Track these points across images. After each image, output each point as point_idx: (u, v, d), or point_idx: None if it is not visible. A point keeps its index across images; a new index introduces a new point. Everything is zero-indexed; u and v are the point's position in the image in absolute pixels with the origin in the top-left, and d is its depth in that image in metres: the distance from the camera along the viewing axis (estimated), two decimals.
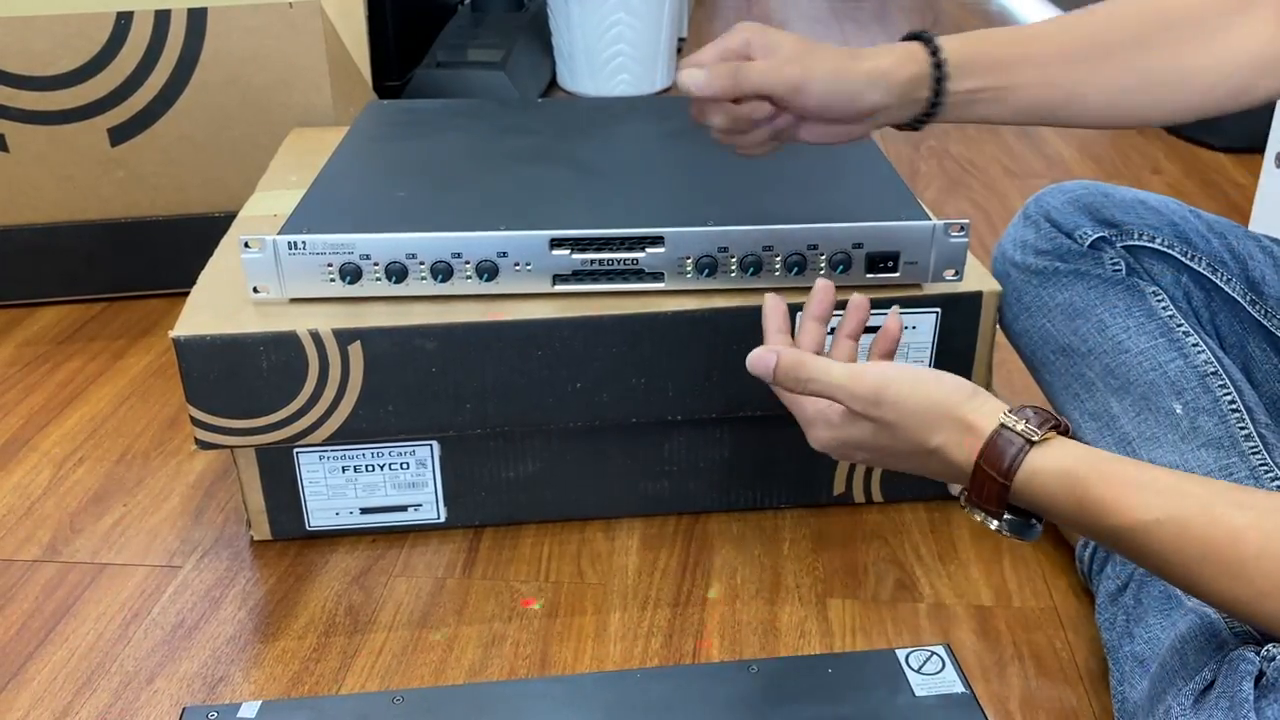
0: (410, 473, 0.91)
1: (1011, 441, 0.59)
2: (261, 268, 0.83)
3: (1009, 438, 0.59)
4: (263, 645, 0.83)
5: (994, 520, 0.61)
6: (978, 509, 0.62)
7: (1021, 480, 0.59)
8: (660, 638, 0.83)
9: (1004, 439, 0.60)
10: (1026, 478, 0.59)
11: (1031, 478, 0.59)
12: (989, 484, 0.60)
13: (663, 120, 1.07)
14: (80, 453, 1.06)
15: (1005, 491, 0.60)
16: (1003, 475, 0.59)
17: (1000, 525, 0.61)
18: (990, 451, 0.60)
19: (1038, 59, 0.71)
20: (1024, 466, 0.59)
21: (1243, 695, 0.58)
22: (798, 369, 0.66)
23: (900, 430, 0.63)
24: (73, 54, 1.20)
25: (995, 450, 0.60)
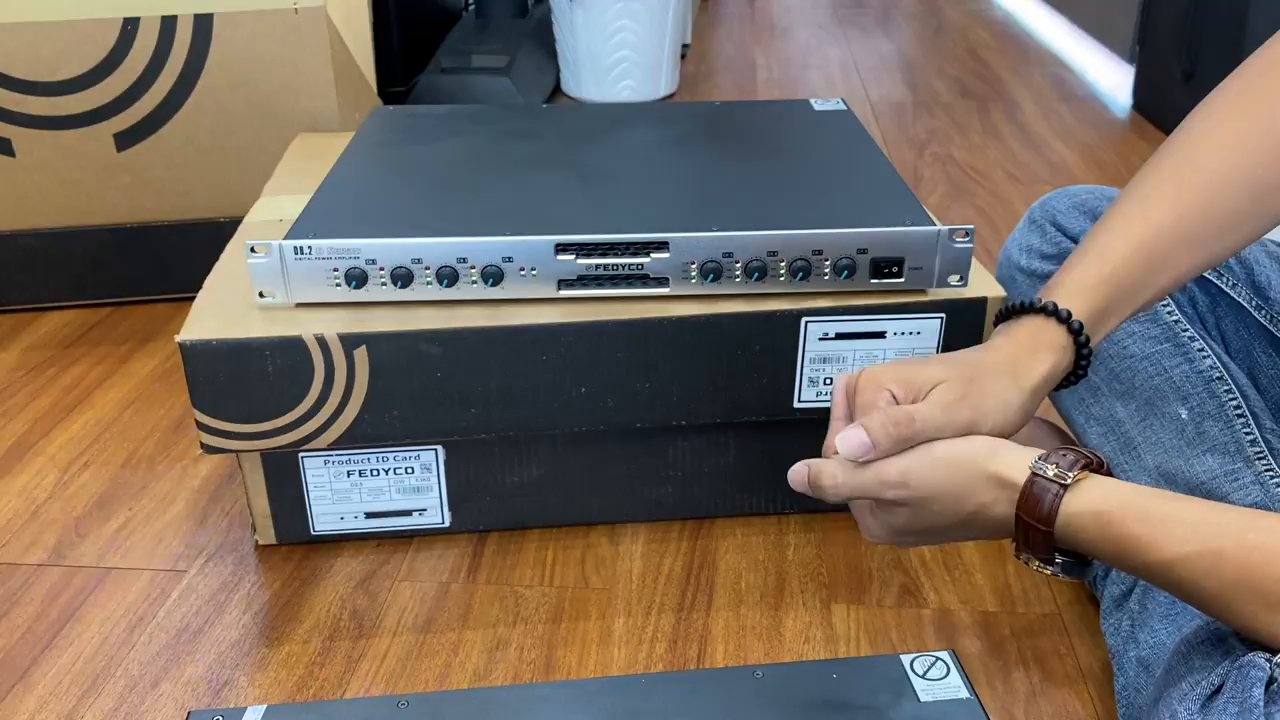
0: (415, 477, 0.91)
1: (1046, 488, 0.60)
2: (267, 272, 0.83)
3: (1043, 485, 0.60)
4: (268, 650, 0.83)
5: (1050, 567, 0.62)
6: (1031, 557, 0.62)
7: (1061, 524, 0.59)
8: (665, 643, 0.83)
9: (1039, 486, 0.60)
10: (1065, 521, 0.59)
11: (1070, 520, 0.59)
12: (1033, 533, 0.60)
13: (667, 126, 1.07)
14: (85, 457, 1.06)
15: (1050, 538, 0.60)
16: (1043, 522, 0.60)
17: (1056, 570, 0.62)
18: (1027, 501, 0.60)
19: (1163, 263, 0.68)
20: (1061, 511, 0.59)
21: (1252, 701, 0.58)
22: (819, 478, 0.66)
23: (937, 503, 0.63)
24: (79, 59, 1.20)
25: (1032, 498, 0.60)
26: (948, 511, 0.63)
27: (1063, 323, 0.67)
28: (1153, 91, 1.96)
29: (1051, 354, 0.67)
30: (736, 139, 1.05)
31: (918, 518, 0.64)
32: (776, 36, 2.59)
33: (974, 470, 0.62)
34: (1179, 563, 0.56)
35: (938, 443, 0.63)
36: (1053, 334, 0.67)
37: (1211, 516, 0.57)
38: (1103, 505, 0.58)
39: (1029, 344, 0.67)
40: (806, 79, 2.25)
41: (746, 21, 2.74)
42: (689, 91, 2.15)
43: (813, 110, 1.11)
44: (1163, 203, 0.68)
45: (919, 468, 0.63)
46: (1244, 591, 0.54)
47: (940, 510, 0.63)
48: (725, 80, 2.23)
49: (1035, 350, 0.67)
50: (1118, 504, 0.58)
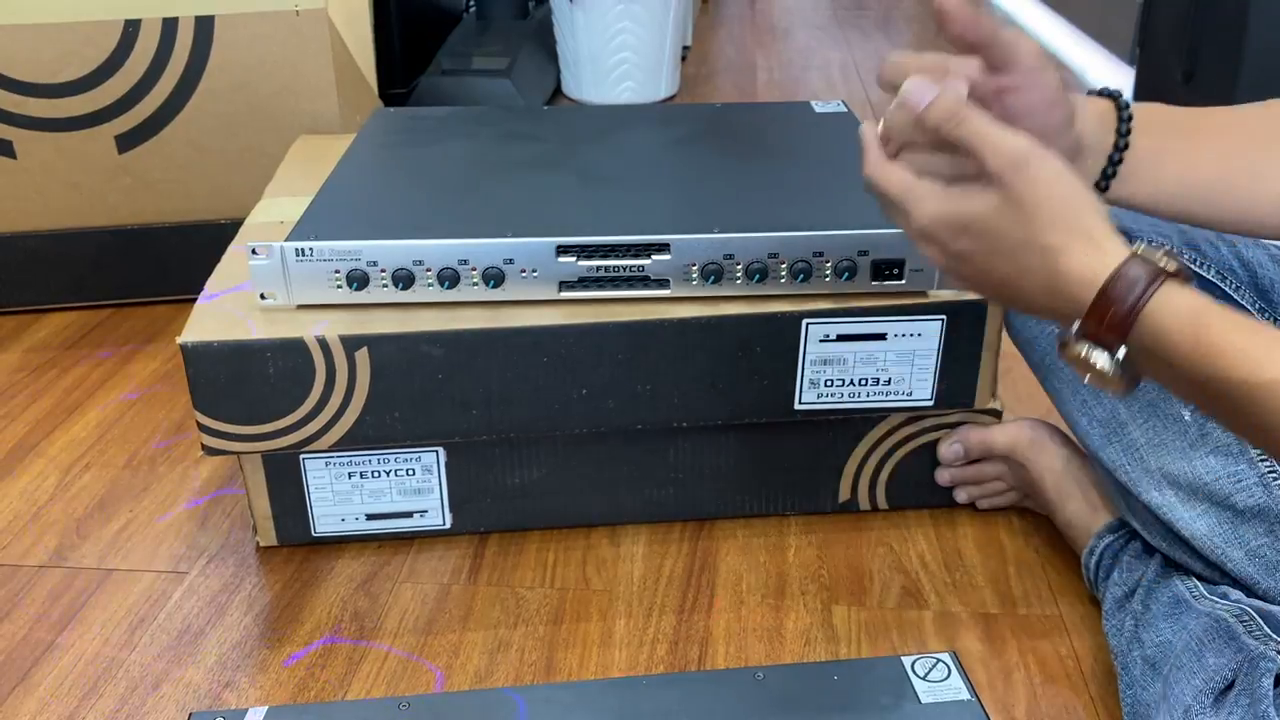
0: (416, 479, 0.91)
1: (1149, 267, 0.53)
2: (269, 274, 0.83)
3: (1146, 263, 0.54)
4: (269, 651, 0.83)
5: (1106, 355, 0.55)
6: (1088, 341, 0.55)
7: (1152, 310, 0.53)
8: (666, 644, 0.83)
9: (1139, 264, 0.54)
10: (1159, 307, 0.53)
11: (1163, 308, 0.53)
12: (1116, 309, 0.53)
13: (668, 128, 1.07)
14: (87, 458, 1.06)
15: (1132, 319, 0.53)
16: (1135, 302, 0.53)
17: (1112, 364, 0.55)
18: (1123, 274, 0.53)
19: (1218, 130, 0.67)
20: (1157, 296, 0.53)
21: (1263, 691, 0.58)
22: (957, 110, 0.58)
23: (1024, 211, 0.56)
24: (80, 61, 1.20)
25: (1128, 274, 0.53)
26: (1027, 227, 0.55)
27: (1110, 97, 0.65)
28: (1153, 93, 1.96)
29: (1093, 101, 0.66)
30: (737, 141, 1.05)
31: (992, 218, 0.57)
32: (777, 38, 2.59)
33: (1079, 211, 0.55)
34: (1265, 385, 0.50)
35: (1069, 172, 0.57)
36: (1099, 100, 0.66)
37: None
38: (1202, 304, 0.53)
39: None
40: (807, 81, 2.25)
41: (747, 23, 2.74)
42: (689, 93, 2.15)
43: (813, 112, 1.11)
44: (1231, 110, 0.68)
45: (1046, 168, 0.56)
46: None
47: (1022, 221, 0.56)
48: (726, 82, 2.24)
49: None
50: (1217, 309, 0.53)
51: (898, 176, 0.60)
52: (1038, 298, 0.56)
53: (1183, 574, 0.76)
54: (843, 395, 0.88)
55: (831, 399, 0.88)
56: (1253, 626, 0.65)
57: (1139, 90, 2.01)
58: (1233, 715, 0.60)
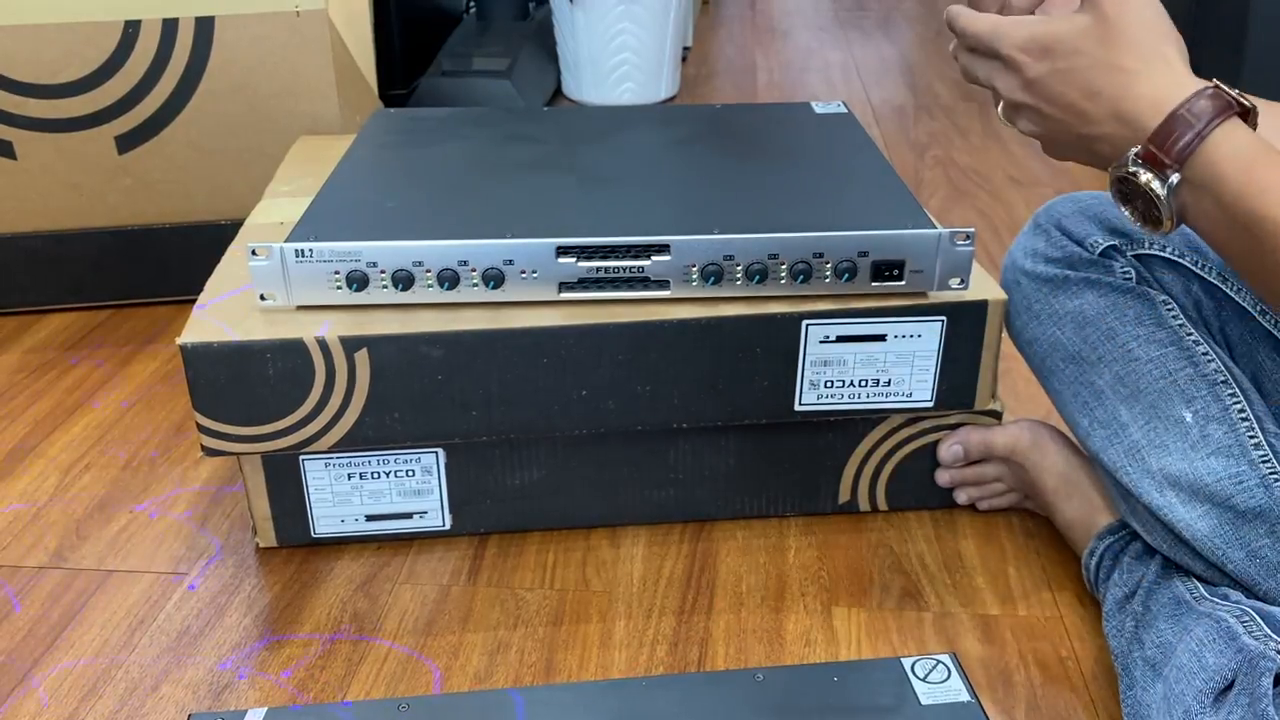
0: (416, 480, 0.91)
1: (1216, 100, 0.56)
2: (268, 275, 0.83)
3: (1218, 97, 0.56)
4: (268, 652, 0.83)
5: (1160, 181, 0.57)
6: (1147, 165, 0.57)
7: (1214, 140, 0.55)
8: (665, 645, 0.83)
9: (1210, 96, 0.56)
10: (1220, 139, 0.55)
11: (1228, 139, 0.55)
12: (1181, 133, 0.55)
13: (668, 128, 1.07)
14: (86, 459, 1.06)
15: (1193, 146, 0.55)
16: (1201, 129, 0.55)
17: (1166, 188, 0.56)
18: (1196, 104, 0.56)
19: None
20: (1222, 128, 0.55)
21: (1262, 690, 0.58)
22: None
23: (1111, 31, 0.58)
24: (81, 62, 1.20)
25: (1200, 105, 0.56)
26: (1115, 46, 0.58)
27: None
28: None
29: None
30: (737, 142, 1.05)
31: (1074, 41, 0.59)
32: (777, 39, 2.59)
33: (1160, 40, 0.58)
34: None
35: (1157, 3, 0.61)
36: None
37: None
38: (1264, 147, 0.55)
39: None
40: (807, 82, 2.25)
41: (747, 24, 2.74)
42: (690, 94, 2.15)
43: (814, 113, 1.11)
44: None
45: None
46: None
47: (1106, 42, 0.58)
48: (726, 83, 2.24)
49: None
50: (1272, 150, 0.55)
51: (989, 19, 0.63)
52: (1100, 123, 0.58)
53: (1183, 575, 0.76)
54: (843, 396, 0.88)
55: (831, 400, 0.88)
56: (1253, 627, 0.65)
57: None
58: (1232, 715, 0.60)
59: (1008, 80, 0.62)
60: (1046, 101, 0.61)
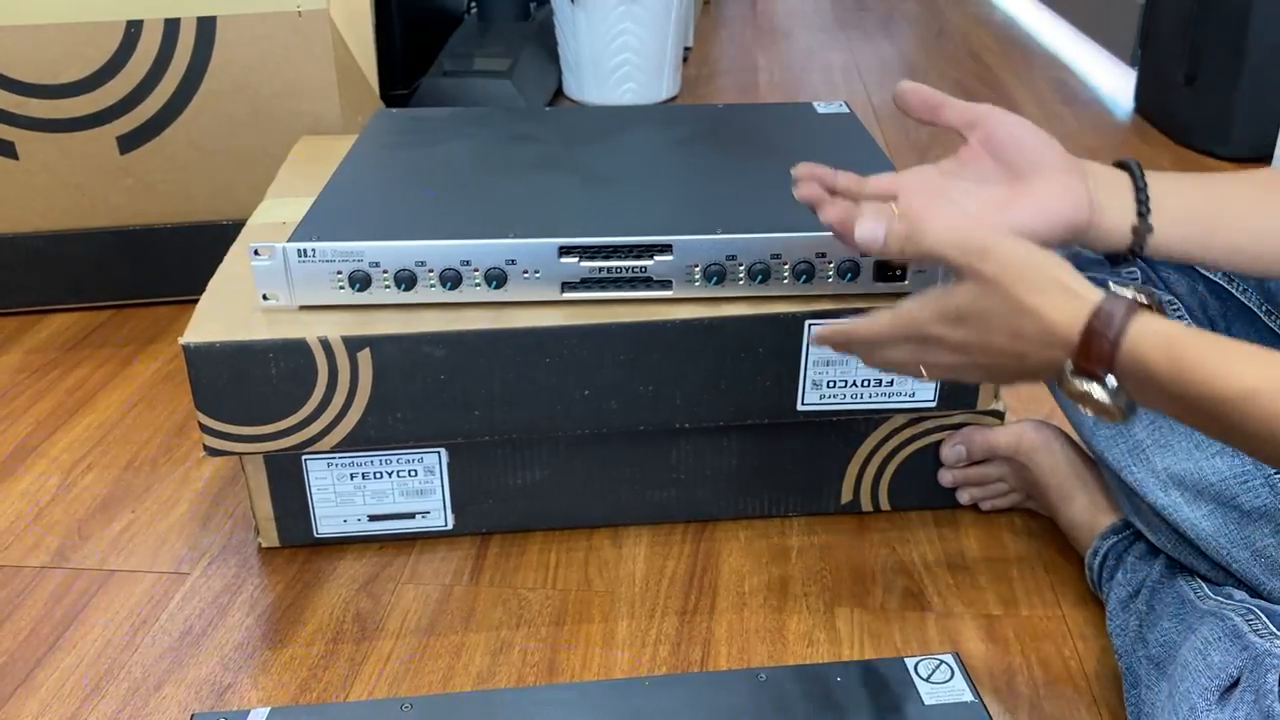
0: (418, 480, 0.91)
1: (1119, 302, 0.59)
2: (271, 275, 0.83)
3: (1117, 299, 0.59)
4: (271, 652, 0.83)
5: (1100, 386, 0.60)
6: (1084, 376, 0.60)
7: (1132, 339, 0.58)
8: (668, 646, 0.83)
9: (1112, 300, 0.59)
10: (1137, 338, 0.58)
11: (1142, 339, 0.58)
12: (1099, 345, 0.59)
13: (670, 128, 1.07)
14: (88, 459, 1.06)
15: (1115, 350, 0.58)
16: (1114, 333, 0.58)
17: (1108, 391, 0.60)
18: (1102, 311, 0.59)
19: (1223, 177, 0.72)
20: (1131, 326, 0.58)
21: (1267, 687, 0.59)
22: (911, 229, 0.67)
23: (1000, 286, 0.62)
24: (82, 62, 1.20)
25: (1106, 310, 0.59)
26: (1008, 299, 0.61)
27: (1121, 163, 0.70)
28: (1155, 95, 1.96)
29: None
30: (739, 142, 1.05)
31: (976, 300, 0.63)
32: (778, 39, 2.59)
33: (1049, 274, 0.61)
34: (1250, 395, 0.55)
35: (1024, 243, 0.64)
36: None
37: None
38: (1175, 329, 0.58)
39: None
40: (808, 82, 2.25)
41: (748, 24, 2.74)
42: (691, 94, 2.15)
43: (816, 113, 1.11)
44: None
45: (1003, 250, 0.62)
46: None
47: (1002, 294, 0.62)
48: (727, 83, 2.24)
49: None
50: (1189, 332, 0.58)
51: (886, 314, 0.68)
52: (1036, 354, 0.62)
53: (1187, 574, 0.76)
54: (845, 396, 0.88)
55: (834, 400, 0.88)
56: (1258, 625, 0.65)
57: (1141, 91, 2.01)
58: (1238, 712, 0.60)
59: (935, 353, 0.66)
60: (980, 354, 0.65)
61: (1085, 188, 0.70)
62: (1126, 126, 1.96)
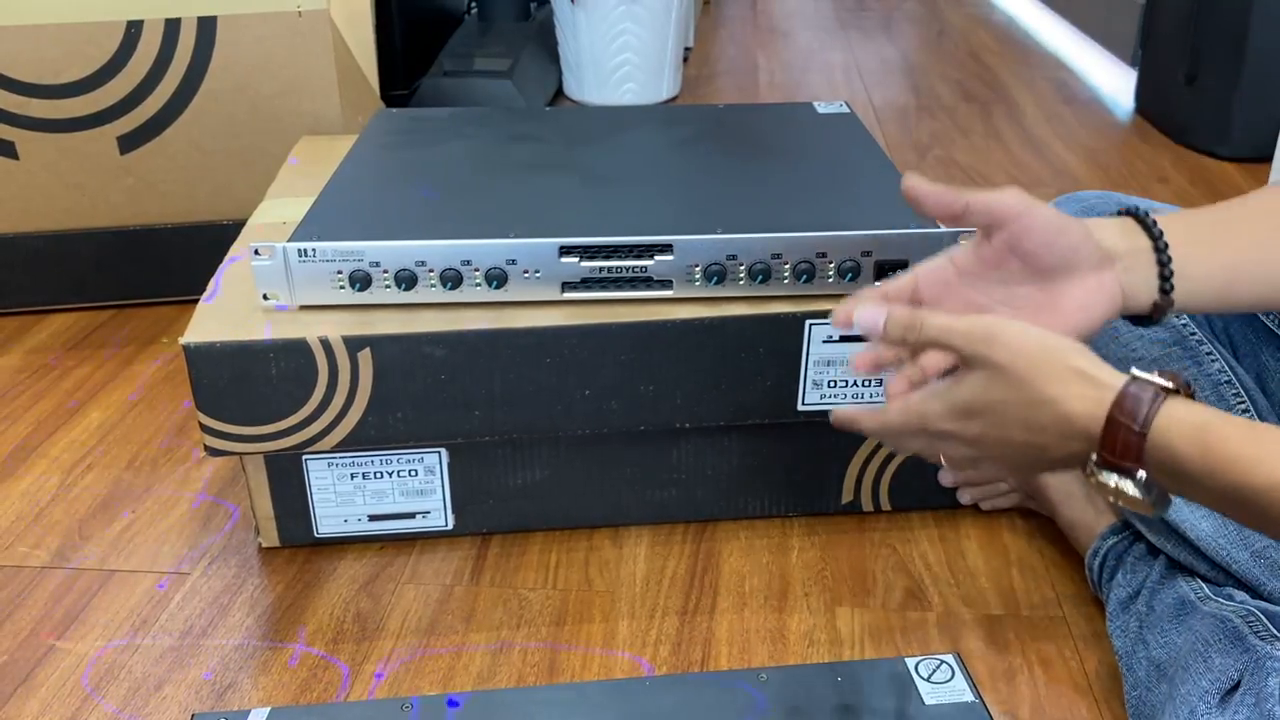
0: (419, 480, 0.91)
1: (1145, 388, 0.56)
2: (271, 275, 0.83)
3: (1143, 384, 0.56)
4: (271, 652, 0.83)
5: (1129, 480, 0.57)
6: (1110, 470, 0.57)
7: (1159, 430, 0.55)
8: (669, 645, 0.83)
9: (1137, 385, 0.56)
10: (1164, 427, 0.55)
11: (1169, 427, 0.55)
12: (1125, 436, 0.55)
13: (670, 128, 1.07)
14: (89, 459, 1.06)
15: (1143, 442, 0.55)
16: (1140, 424, 0.55)
17: (1138, 486, 0.56)
18: (1124, 400, 0.56)
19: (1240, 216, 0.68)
20: (1160, 414, 0.55)
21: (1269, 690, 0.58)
22: (913, 317, 0.63)
23: (1009, 377, 0.58)
24: (83, 62, 1.20)
25: (1129, 397, 0.56)
26: (1023, 388, 0.58)
27: (1146, 228, 0.65)
28: (1155, 95, 1.96)
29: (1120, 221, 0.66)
30: (740, 142, 1.05)
31: (986, 391, 0.60)
32: (778, 39, 2.59)
33: (1062, 356, 0.58)
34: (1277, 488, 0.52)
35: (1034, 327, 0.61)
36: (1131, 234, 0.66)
37: None
38: (1206, 417, 0.55)
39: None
40: (809, 82, 2.25)
41: (749, 24, 2.74)
42: (691, 94, 2.15)
43: (816, 113, 1.11)
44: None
45: (1008, 331, 0.59)
46: None
47: (1015, 383, 0.58)
48: (727, 83, 2.24)
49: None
50: (1221, 420, 0.55)
51: (896, 407, 0.64)
52: (1057, 447, 0.58)
53: (1187, 575, 0.76)
54: (846, 396, 0.88)
55: (835, 400, 0.88)
56: (1259, 627, 0.65)
57: (1141, 91, 2.01)
58: (1238, 715, 0.60)
59: (953, 447, 0.63)
60: (997, 448, 0.61)
61: (1117, 280, 0.65)
62: (1127, 126, 1.96)
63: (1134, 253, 0.65)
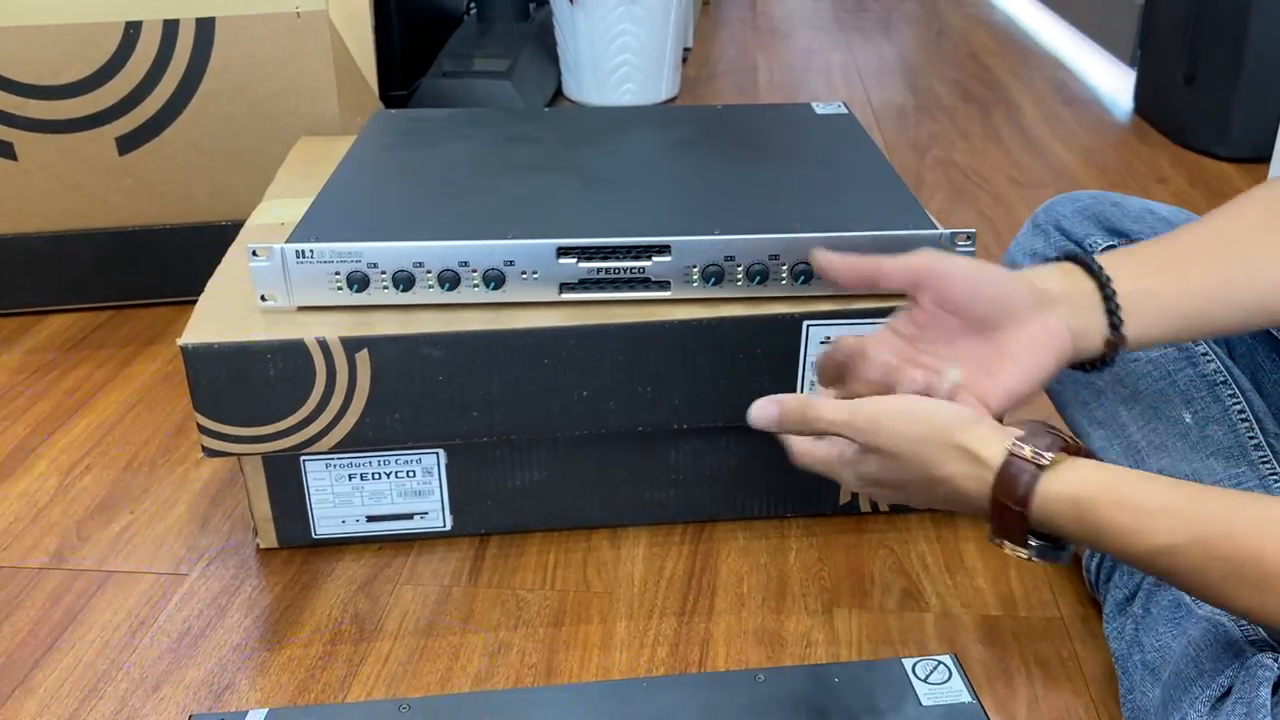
0: (417, 481, 0.91)
1: (1022, 469, 0.58)
2: (269, 276, 0.83)
3: (1019, 465, 0.58)
4: (269, 653, 0.83)
5: (1023, 550, 0.60)
6: (1005, 540, 0.60)
7: (1038, 507, 0.58)
8: (666, 646, 0.83)
9: (1014, 466, 0.58)
10: (1042, 504, 0.58)
11: (1046, 504, 0.58)
12: (1008, 515, 0.59)
13: (669, 129, 1.07)
14: (87, 460, 1.06)
15: (1025, 521, 0.58)
16: (1018, 504, 0.58)
17: (1031, 554, 0.60)
18: (1002, 481, 0.58)
19: (1194, 248, 0.68)
20: (1037, 493, 0.57)
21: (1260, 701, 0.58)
22: (804, 410, 0.66)
23: (904, 460, 0.61)
24: (82, 63, 1.20)
25: (1008, 479, 0.58)
26: (916, 470, 0.61)
27: (1090, 271, 0.65)
28: (1154, 95, 1.96)
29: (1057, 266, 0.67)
30: (738, 142, 1.05)
31: (888, 470, 0.63)
32: (778, 40, 2.59)
33: (945, 436, 0.60)
34: (1162, 554, 0.55)
35: (917, 402, 0.62)
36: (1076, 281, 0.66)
37: (1194, 505, 0.55)
38: (1081, 490, 0.57)
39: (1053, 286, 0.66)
40: (808, 82, 2.25)
41: (748, 25, 2.74)
42: (690, 95, 2.15)
43: (814, 114, 1.11)
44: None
45: (892, 419, 0.61)
46: (1232, 583, 0.54)
47: (909, 467, 0.61)
48: (727, 84, 2.24)
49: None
50: (1098, 489, 0.57)
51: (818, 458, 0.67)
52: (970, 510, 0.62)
53: None
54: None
55: None
56: (1250, 631, 0.65)
57: (1140, 92, 2.01)
58: None
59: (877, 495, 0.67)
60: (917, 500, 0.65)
61: (1063, 322, 0.65)
62: (1125, 127, 1.96)
63: (1077, 294, 0.66)
